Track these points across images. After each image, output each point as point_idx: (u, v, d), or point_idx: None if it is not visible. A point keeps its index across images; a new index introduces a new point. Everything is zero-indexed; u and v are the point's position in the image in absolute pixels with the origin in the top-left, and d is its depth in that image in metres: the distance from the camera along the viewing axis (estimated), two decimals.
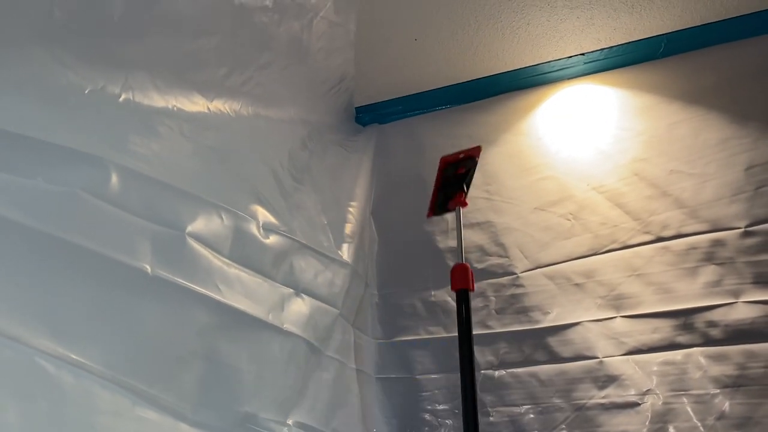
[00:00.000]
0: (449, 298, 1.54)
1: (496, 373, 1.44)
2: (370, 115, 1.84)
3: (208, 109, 1.13)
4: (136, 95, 0.95)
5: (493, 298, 1.51)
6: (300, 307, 1.19)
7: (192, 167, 1.01)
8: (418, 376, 1.51)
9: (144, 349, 0.83)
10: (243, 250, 1.06)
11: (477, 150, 1.34)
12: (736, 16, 1.51)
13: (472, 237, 1.60)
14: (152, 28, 0.98)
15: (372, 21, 1.55)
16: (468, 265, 1.24)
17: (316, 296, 1.26)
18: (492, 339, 1.47)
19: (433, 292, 1.57)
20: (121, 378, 0.77)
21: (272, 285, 1.12)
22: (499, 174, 1.65)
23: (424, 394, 1.49)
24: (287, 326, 1.13)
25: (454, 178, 1.37)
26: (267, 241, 1.13)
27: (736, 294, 1.32)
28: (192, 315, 0.92)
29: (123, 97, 0.92)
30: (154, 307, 0.86)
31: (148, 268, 0.85)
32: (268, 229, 1.14)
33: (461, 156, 1.35)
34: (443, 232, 1.64)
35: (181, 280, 0.90)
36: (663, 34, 1.57)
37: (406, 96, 1.79)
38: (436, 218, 1.66)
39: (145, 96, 0.96)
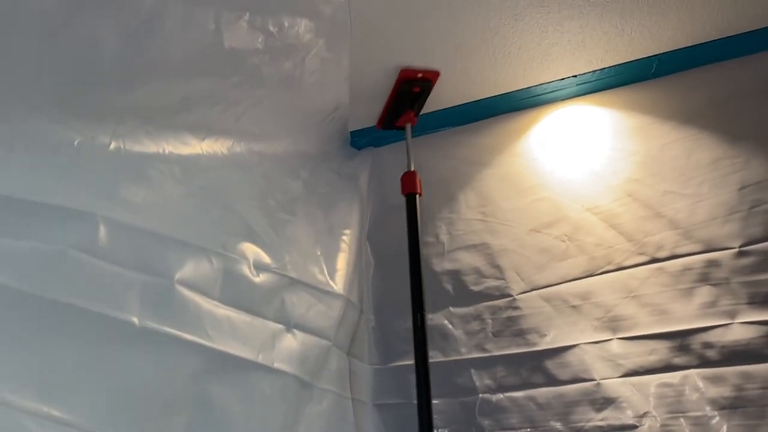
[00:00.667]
0: (446, 322, 1.55)
1: (494, 397, 1.44)
2: (366, 139, 1.85)
3: (201, 149, 1.14)
4: (127, 143, 0.96)
5: (489, 321, 1.51)
6: (291, 343, 1.20)
7: (183, 211, 1.02)
8: (415, 401, 1.51)
9: (132, 400, 0.84)
10: (233, 291, 1.06)
11: (435, 74, 1.48)
12: (727, 37, 1.53)
13: (467, 259, 1.61)
14: (143, 74, 0.99)
15: (365, 47, 1.56)
16: (416, 171, 1.53)
17: (307, 330, 1.26)
18: (490, 362, 1.47)
19: (430, 316, 1.58)
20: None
21: (262, 323, 1.13)
22: (494, 195, 1.66)
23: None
24: (277, 364, 1.14)
25: (409, 95, 1.56)
26: (258, 279, 1.14)
27: (731, 315, 1.32)
28: (180, 362, 0.93)
29: (113, 145, 0.94)
30: (141, 358, 0.87)
31: (136, 321, 0.87)
32: (259, 267, 1.15)
33: (419, 75, 1.51)
34: (439, 254, 1.65)
35: (168, 329, 0.91)
36: (654, 55, 1.59)
37: None
38: (431, 240, 1.67)
39: (135, 142, 0.98)
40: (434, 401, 1.47)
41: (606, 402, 1.35)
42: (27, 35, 0.82)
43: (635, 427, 1.31)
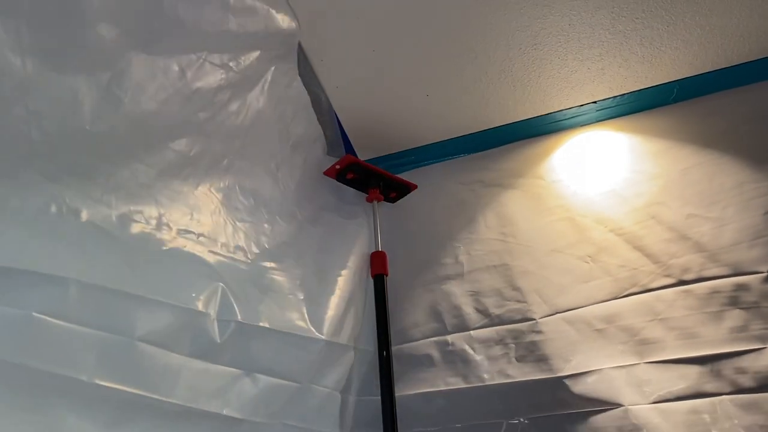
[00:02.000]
0: (467, 347, 1.52)
1: (520, 423, 1.39)
2: (380, 167, 1.85)
3: (195, 197, 1.17)
4: (99, 206, 0.97)
5: (512, 346, 1.48)
6: (250, 388, 1.18)
7: (155, 270, 1.02)
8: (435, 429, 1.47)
9: None
10: (195, 344, 1.06)
11: (346, 158, 1.63)
12: (748, 62, 1.54)
13: (488, 280, 1.58)
14: (119, 133, 1.01)
15: (384, 80, 1.59)
16: (384, 252, 1.60)
17: (274, 375, 1.24)
18: (513, 388, 1.43)
19: (450, 338, 1.54)
20: None
21: (219, 370, 1.12)
22: (514, 216, 1.65)
23: None
24: (226, 411, 1.12)
25: (352, 181, 1.69)
26: (221, 331, 1.12)
27: (763, 339, 1.28)
28: (131, 417, 0.94)
29: (85, 212, 0.95)
30: (93, 412, 0.89)
31: (85, 378, 0.88)
32: (224, 319, 1.13)
33: (337, 167, 1.64)
34: (458, 275, 1.62)
35: (119, 386, 0.92)
36: (675, 81, 1.60)
37: (418, 147, 1.82)
38: (449, 261, 1.65)
39: (109, 205, 0.99)
40: (457, 426, 1.44)
41: (634, 429, 1.30)
42: (5, 95, 0.83)
43: None
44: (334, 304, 1.44)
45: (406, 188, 1.74)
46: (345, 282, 1.51)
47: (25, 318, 0.81)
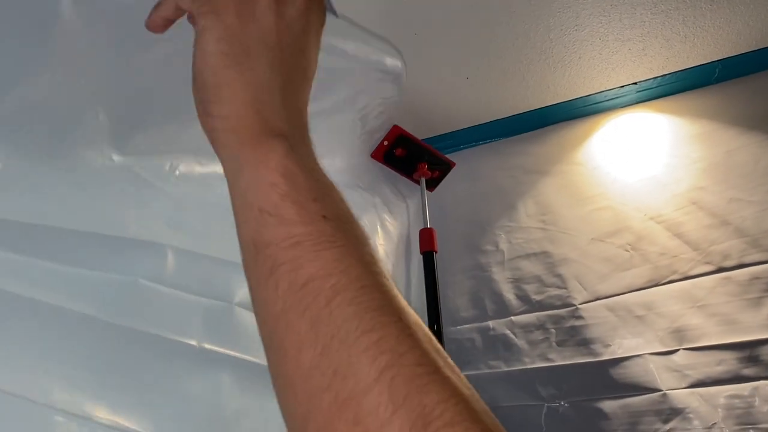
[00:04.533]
0: (509, 332, 1.57)
1: (560, 406, 1.45)
2: None
3: None
4: (185, 175, 1.02)
5: (553, 331, 1.52)
6: None
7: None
8: None
9: (192, 413, 0.91)
10: None
11: (394, 129, 1.64)
12: None
13: (528, 267, 1.62)
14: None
15: (424, 63, 1.59)
16: (433, 229, 1.58)
17: None
18: (554, 372, 1.48)
19: (492, 324, 1.60)
20: None
21: None
22: (554, 204, 1.67)
23: None
24: None
25: (400, 159, 1.68)
26: None
27: None
28: (237, 378, 0.99)
29: (174, 175, 1.00)
30: (201, 376, 0.94)
31: (195, 343, 0.94)
32: None
33: (385, 143, 1.64)
34: (499, 263, 1.66)
35: (225, 350, 0.98)
36: (717, 60, 1.57)
37: (459, 130, 1.83)
38: (490, 248, 1.69)
39: (193, 174, 1.04)
40: (498, 407, 1.51)
41: (673, 413, 1.35)
42: (94, 69, 0.88)
43: None
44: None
45: (447, 166, 1.75)
46: (392, 258, 1.58)
47: (132, 284, 0.88)
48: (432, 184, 1.78)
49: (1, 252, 0.77)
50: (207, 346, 0.95)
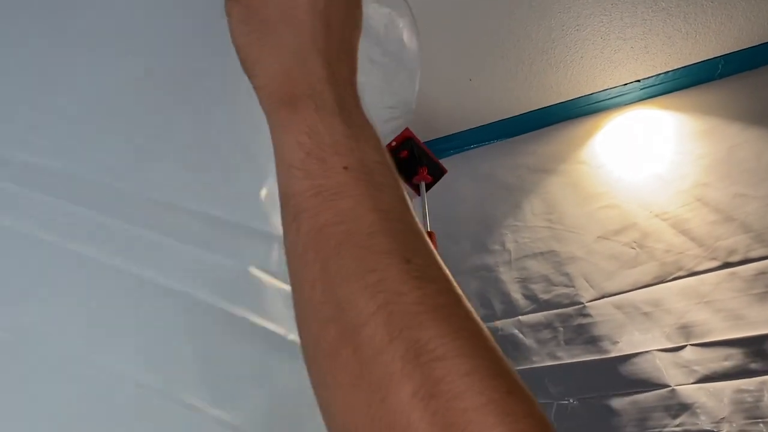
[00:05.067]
0: (516, 331, 1.59)
1: (569, 404, 1.47)
2: None
3: None
4: None
5: (561, 329, 1.54)
6: None
7: None
8: None
9: (284, 402, 0.92)
10: None
11: (405, 131, 1.61)
12: None
13: (535, 266, 1.63)
14: None
15: (427, 65, 1.60)
16: (434, 232, 1.57)
17: None
18: (563, 370, 1.50)
19: (499, 324, 1.62)
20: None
21: None
22: (560, 203, 1.68)
23: None
24: None
25: (403, 161, 1.67)
26: None
27: None
28: None
29: None
30: (290, 368, 0.96)
31: (284, 333, 0.95)
32: None
33: (393, 144, 1.62)
34: (506, 262, 1.68)
35: None
36: (720, 56, 1.57)
37: (462, 131, 1.84)
38: (497, 248, 1.70)
39: None
40: None
41: (681, 408, 1.36)
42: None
43: None
44: None
45: (441, 172, 1.75)
46: None
47: (241, 270, 0.89)
48: (426, 188, 1.79)
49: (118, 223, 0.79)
50: (293, 338, 0.97)
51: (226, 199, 0.89)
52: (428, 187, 1.78)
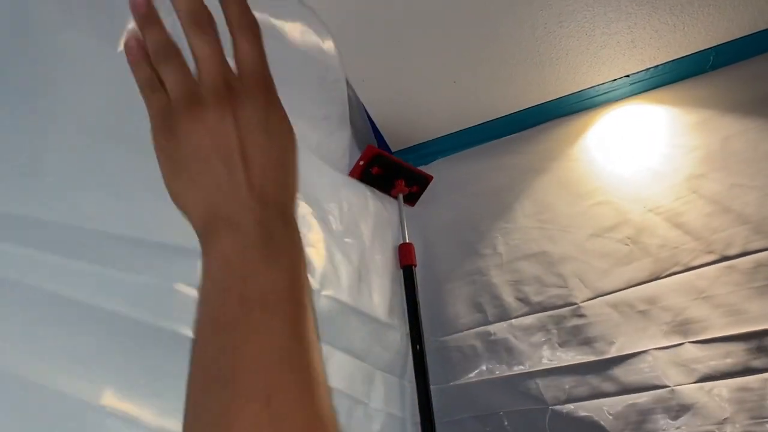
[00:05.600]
0: (509, 335, 1.53)
1: (564, 408, 1.41)
2: (412, 157, 1.86)
3: None
4: None
5: (555, 331, 1.49)
6: (339, 364, 1.25)
7: None
8: (481, 414, 1.50)
9: None
10: None
11: (368, 149, 1.63)
12: None
13: (527, 268, 1.59)
14: None
15: (409, 69, 1.59)
16: (411, 244, 1.62)
17: (352, 354, 1.30)
18: (557, 373, 1.44)
19: (492, 329, 1.57)
20: None
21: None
22: (551, 202, 1.64)
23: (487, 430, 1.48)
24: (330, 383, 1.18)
25: (377, 177, 1.67)
26: (322, 306, 1.22)
27: None
28: None
29: None
30: None
31: None
32: (324, 295, 1.23)
33: (361, 163, 1.63)
34: (498, 265, 1.63)
35: None
36: (711, 48, 1.54)
37: (449, 134, 1.82)
38: (488, 252, 1.66)
39: None
40: (503, 412, 1.47)
41: (682, 409, 1.30)
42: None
43: None
44: (381, 284, 1.50)
45: (424, 180, 1.75)
46: (387, 260, 1.59)
47: (167, 288, 0.90)
48: (411, 199, 1.78)
49: (47, 254, 0.80)
50: None
51: (149, 221, 0.89)
52: (416, 197, 1.77)
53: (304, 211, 1.28)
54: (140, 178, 0.91)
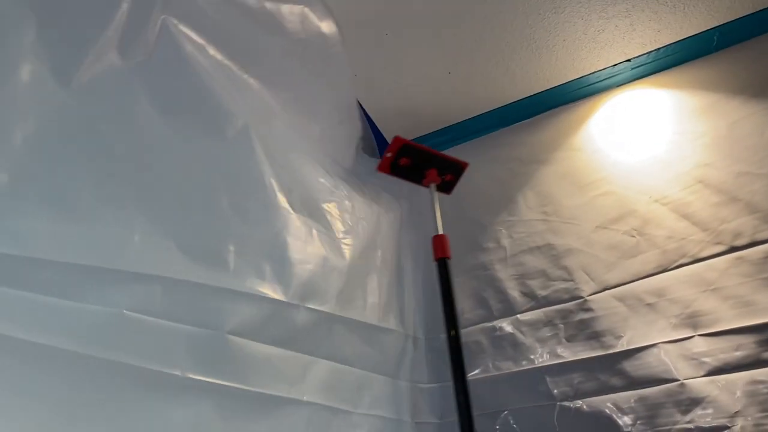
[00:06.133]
0: (515, 330, 1.51)
1: (573, 404, 1.40)
2: None
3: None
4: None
5: (561, 326, 1.47)
6: (321, 373, 1.23)
7: (247, 260, 1.07)
8: (487, 413, 1.49)
9: None
10: (279, 332, 1.12)
11: (396, 140, 1.51)
12: None
13: (532, 262, 1.56)
14: None
15: (403, 62, 1.55)
16: (446, 235, 1.47)
17: (339, 360, 1.29)
18: (565, 369, 1.43)
19: (497, 324, 1.55)
20: None
21: (296, 357, 1.17)
22: (554, 194, 1.61)
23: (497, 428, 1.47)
24: (307, 397, 1.17)
25: (405, 168, 1.56)
26: (303, 318, 1.18)
27: None
28: (219, 406, 0.99)
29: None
30: (185, 405, 0.93)
31: (179, 373, 0.93)
32: (306, 308, 1.19)
33: (389, 155, 1.53)
34: (502, 260, 1.61)
35: (209, 379, 0.97)
36: (714, 28, 1.49)
37: (447, 127, 1.78)
38: (492, 245, 1.63)
39: None
40: (509, 410, 1.45)
41: (692, 403, 1.28)
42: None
43: (726, 427, 1.24)
44: (380, 287, 1.48)
45: (459, 168, 1.65)
46: (386, 263, 1.55)
47: (116, 316, 0.87)
48: (447, 188, 1.69)
49: None
50: (191, 375, 0.95)
51: (93, 247, 0.86)
52: (452, 185, 1.67)
53: (300, 221, 1.25)
54: (94, 193, 0.89)
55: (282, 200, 1.22)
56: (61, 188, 0.87)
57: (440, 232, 1.52)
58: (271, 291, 1.10)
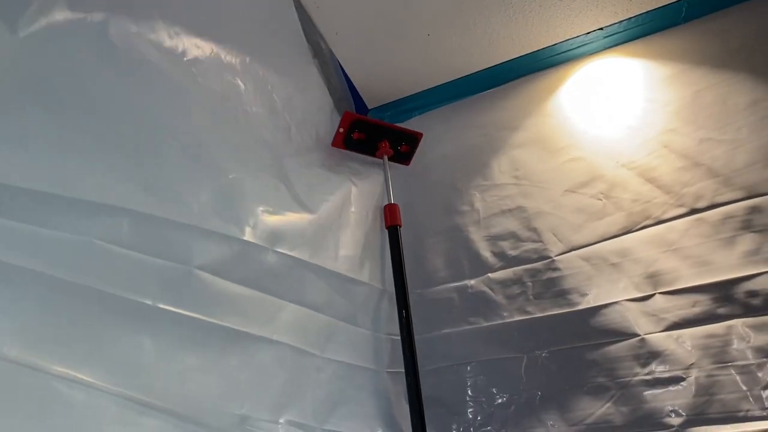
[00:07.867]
0: (486, 288, 1.58)
1: (539, 356, 1.46)
2: (387, 114, 1.86)
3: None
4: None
5: (529, 284, 1.53)
6: (291, 317, 1.29)
7: (208, 203, 1.12)
8: (457, 363, 1.55)
9: (146, 368, 0.95)
10: (248, 272, 1.18)
11: (346, 115, 1.61)
12: None
13: (504, 224, 1.62)
14: None
15: (382, 21, 1.56)
16: (397, 204, 1.60)
17: (307, 305, 1.35)
18: (532, 324, 1.49)
19: (470, 282, 1.60)
20: (126, 392, 0.91)
21: (268, 300, 1.23)
22: (526, 159, 1.66)
23: (467, 380, 1.54)
24: (276, 336, 1.24)
25: (359, 142, 1.66)
26: (272, 261, 1.24)
27: None
28: (190, 337, 1.05)
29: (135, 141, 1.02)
30: (156, 333, 0.99)
31: (150, 302, 0.96)
32: (275, 251, 1.25)
33: (341, 130, 1.63)
34: (475, 222, 1.66)
35: (181, 310, 1.03)
36: None
37: (424, 91, 1.81)
38: (466, 209, 1.68)
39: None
40: (479, 361, 1.52)
41: (651, 356, 1.35)
42: None
43: (682, 378, 1.31)
44: (353, 239, 1.54)
45: (414, 138, 1.73)
46: (361, 217, 1.61)
47: (86, 243, 0.91)
48: (405, 158, 1.76)
49: None
50: (162, 305, 0.98)
51: (56, 177, 0.89)
52: (409, 156, 1.75)
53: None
54: (55, 132, 0.91)
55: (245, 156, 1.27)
56: (17, 124, 0.89)
57: (391, 201, 1.65)
58: (237, 231, 1.16)
